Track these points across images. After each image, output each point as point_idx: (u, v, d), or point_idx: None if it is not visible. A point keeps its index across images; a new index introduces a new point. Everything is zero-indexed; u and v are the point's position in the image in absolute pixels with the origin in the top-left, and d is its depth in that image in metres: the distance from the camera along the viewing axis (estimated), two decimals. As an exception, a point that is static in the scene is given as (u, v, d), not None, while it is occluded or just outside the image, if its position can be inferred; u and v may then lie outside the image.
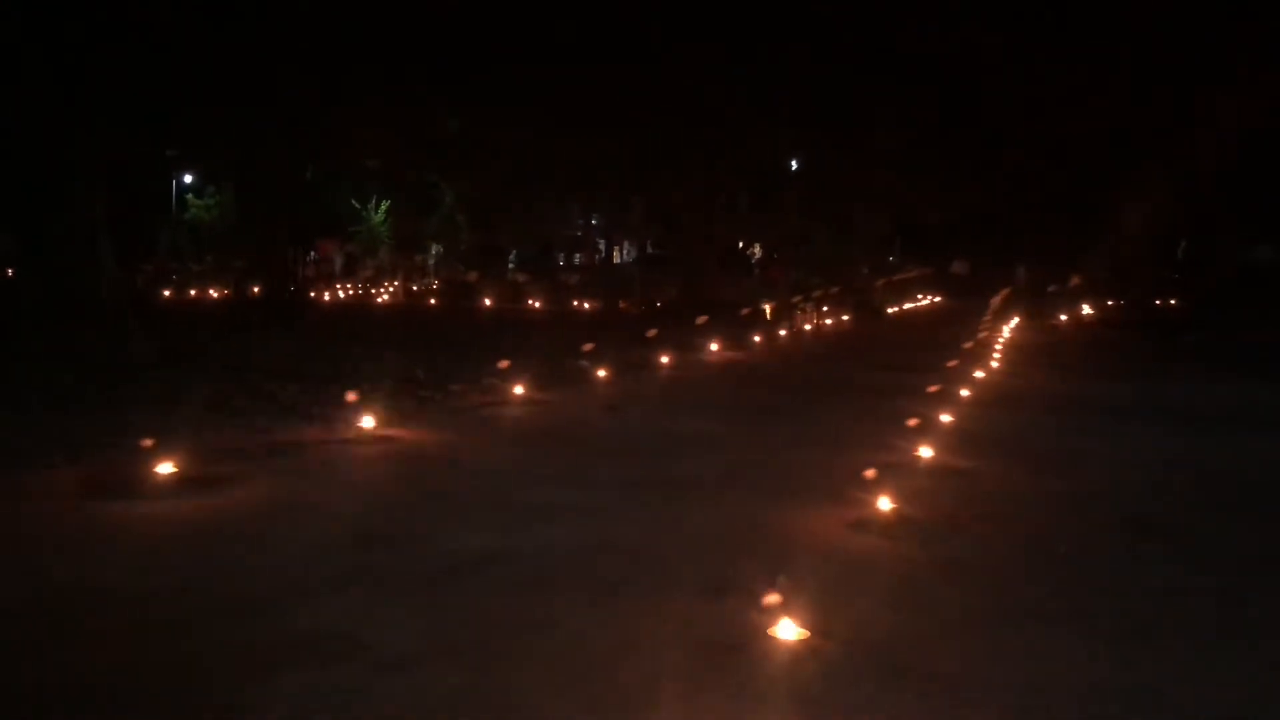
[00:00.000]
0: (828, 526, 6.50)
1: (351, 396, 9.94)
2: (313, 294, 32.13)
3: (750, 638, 4.56)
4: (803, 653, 4.43)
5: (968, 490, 7.58)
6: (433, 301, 32.64)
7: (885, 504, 6.62)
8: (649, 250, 51.10)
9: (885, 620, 4.86)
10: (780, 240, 42.33)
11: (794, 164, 37.61)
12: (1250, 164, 29.61)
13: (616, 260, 53.53)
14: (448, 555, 5.80)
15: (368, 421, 9.36)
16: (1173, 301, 33.52)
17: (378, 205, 46.40)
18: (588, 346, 14.69)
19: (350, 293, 35.70)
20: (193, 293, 31.58)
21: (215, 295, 31.46)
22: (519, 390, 11.83)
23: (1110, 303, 33.52)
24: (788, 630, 4.54)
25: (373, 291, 36.12)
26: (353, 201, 45.44)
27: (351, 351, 15.32)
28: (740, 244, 51.76)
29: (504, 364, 12.60)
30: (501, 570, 5.56)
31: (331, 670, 4.22)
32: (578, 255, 53.67)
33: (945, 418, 10.33)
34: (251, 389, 11.71)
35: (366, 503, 7.20)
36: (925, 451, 8.56)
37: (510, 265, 47.46)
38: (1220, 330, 23.64)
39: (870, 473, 6.91)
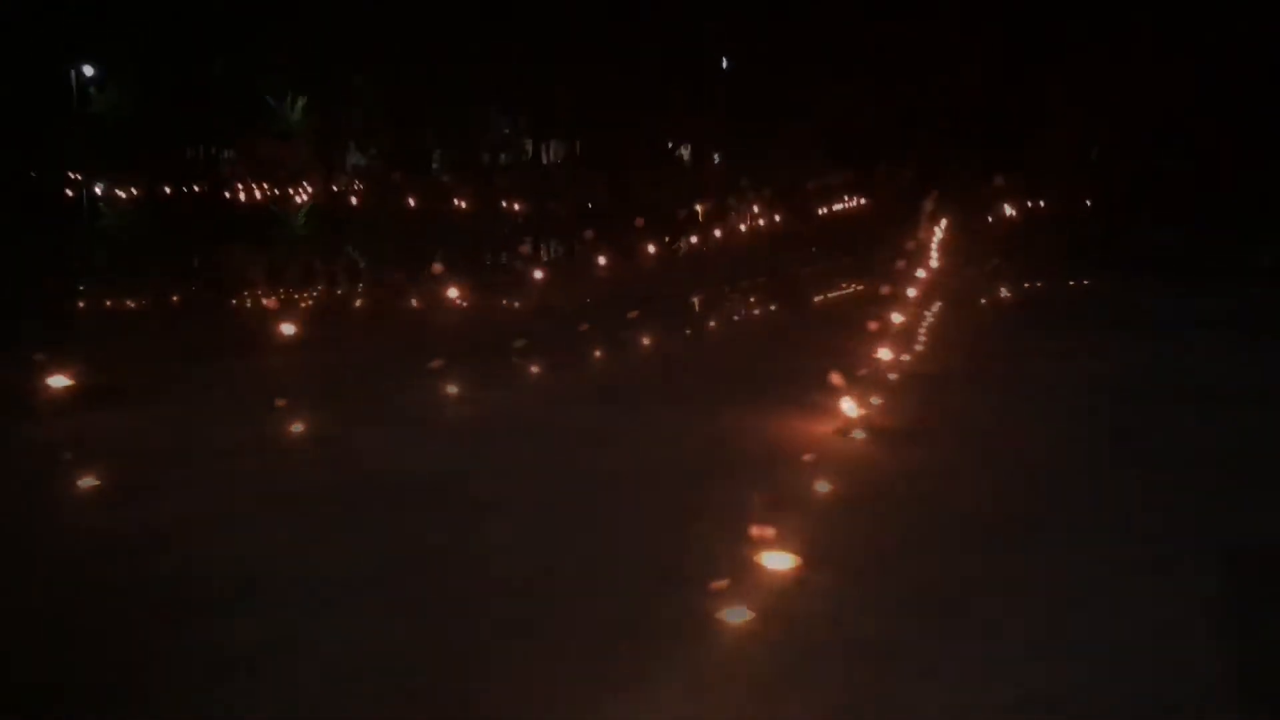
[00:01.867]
0: (795, 431, 6.18)
1: (270, 303, 9.32)
2: (228, 196, 30.72)
3: (722, 567, 4.22)
4: (792, 585, 4.11)
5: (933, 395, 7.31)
6: (354, 202, 31.41)
7: (853, 410, 6.31)
8: (578, 150, 49.89)
9: (879, 542, 4.56)
10: (711, 140, 41.53)
11: (724, 62, 36.75)
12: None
13: (544, 161, 52.17)
14: (403, 474, 5.33)
15: (288, 329, 8.79)
16: (1088, 203, 33.66)
17: (294, 102, 44.34)
18: (522, 248, 14.14)
19: (268, 193, 34.14)
20: (97, 189, 29.93)
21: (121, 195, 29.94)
22: (453, 294, 11.30)
23: (1035, 204, 33.74)
24: (776, 559, 4.21)
25: (291, 193, 34.61)
26: (267, 98, 43.38)
27: (268, 253, 14.49)
28: (670, 145, 50.74)
29: (436, 268, 12.03)
30: (464, 493, 5.09)
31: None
32: (504, 155, 52.17)
33: (897, 317, 10.06)
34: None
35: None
36: (884, 353, 8.28)
37: (434, 166, 45.93)
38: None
39: (837, 378, 6.57)
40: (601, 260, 15.21)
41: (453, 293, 11.41)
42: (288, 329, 8.63)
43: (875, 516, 4.93)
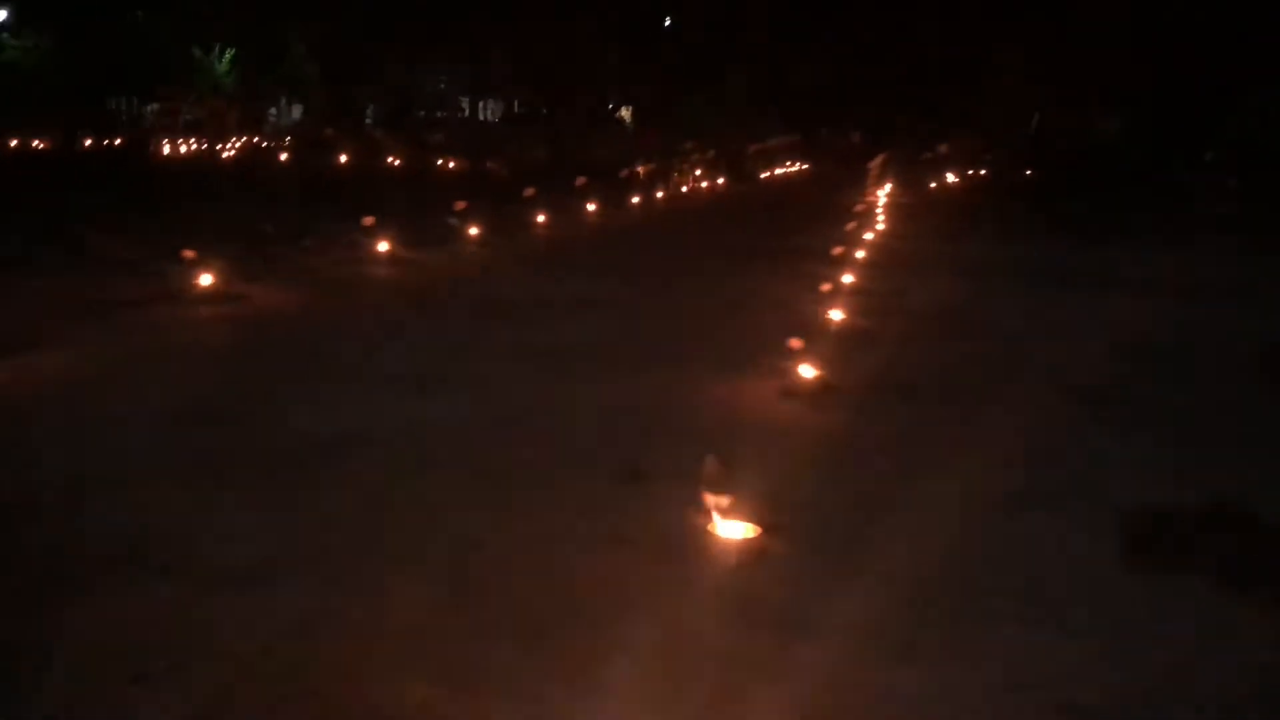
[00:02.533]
0: (749, 397, 5.76)
1: (188, 252, 8.67)
2: (153, 149, 29.60)
3: (677, 533, 3.77)
4: (746, 552, 3.67)
5: (888, 354, 6.93)
6: (284, 158, 30.41)
7: (808, 371, 5.89)
8: (515, 109, 49.04)
9: (838, 507, 4.14)
10: (652, 100, 41.02)
11: (666, 20, 36.20)
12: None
13: (481, 119, 51.18)
14: (299, 437, 4.81)
15: (206, 279, 8.15)
16: (1028, 172, 33.78)
17: (221, 54, 42.89)
18: (459, 205, 13.51)
19: (194, 148, 33.01)
20: (12, 143, 28.63)
21: (39, 145, 28.66)
22: (383, 248, 10.67)
23: (976, 171, 33.83)
24: (727, 527, 3.76)
25: (219, 148, 33.48)
26: (194, 50, 41.88)
27: (192, 206, 13.78)
28: (610, 105, 50.09)
29: (367, 220, 11.39)
30: (366, 455, 4.61)
31: (150, 590, 3.26)
32: (440, 112, 51.00)
33: (847, 278, 9.67)
34: (72, 243, 10.28)
35: (200, 373, 6.10)
36: (835, 314, 7.88)
37: (367, 121, 44.79)
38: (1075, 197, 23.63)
39: (796, 342, 6.15)
40: (540, 219, 14.60)
41: (383, 246, 10.78)
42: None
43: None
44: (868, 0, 32.45)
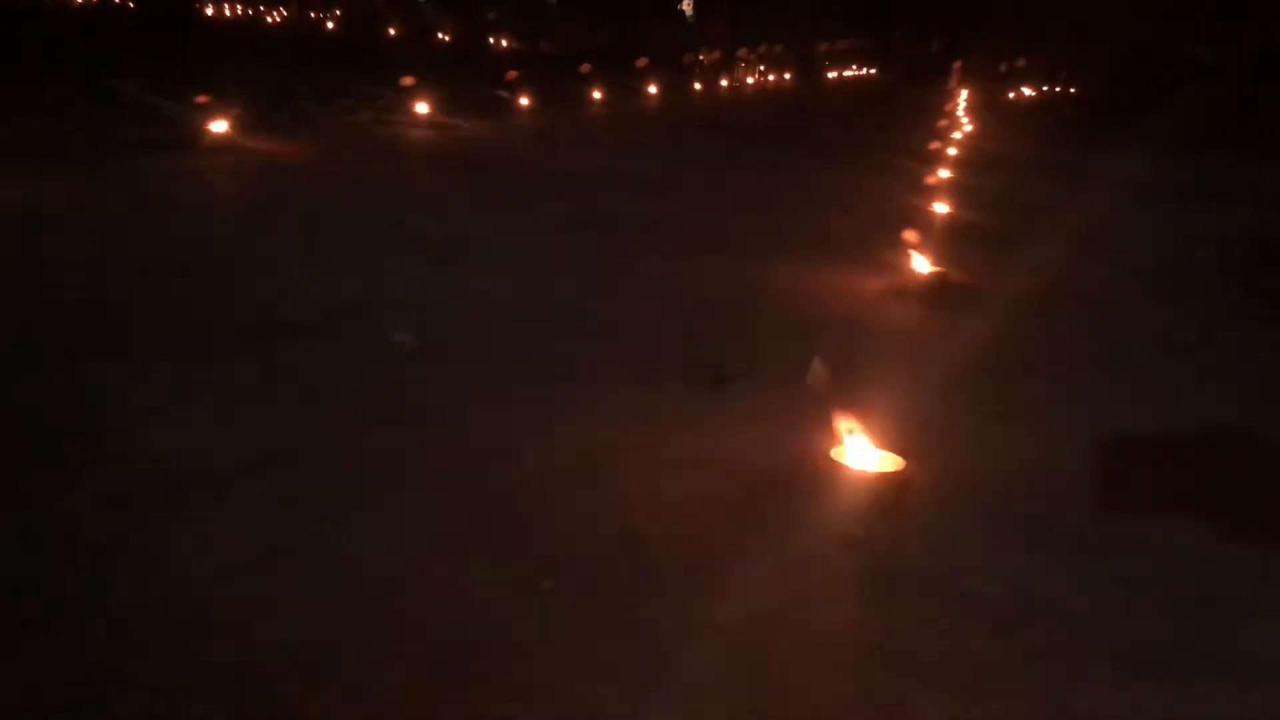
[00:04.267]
0: (854, 294, 4.69)
1: (204, 98, 7.65)
2: (197, 9, 28.36)
3: (780, 459, 2.74)
4: (884, 492, 2.63)
5: (1001, 253, 5.81)
6: (330, 27, 29.08)
7: (924, 265, 4.81)
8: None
9: (984, 435, 3.09)
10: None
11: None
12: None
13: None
14: (298, 304, 3.82)
15: (220, 126, 7.12)
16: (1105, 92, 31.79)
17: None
18: (511, 75, 12.35)
19: (240, 11, 31.70)
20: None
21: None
22: (424, 110, 9.56)
23: (1054, 87, 31.98)
24: (854, 450, 2.71)
25: (264, 10, 32.12)
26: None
27: (230, 66, 12.66)
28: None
29: (408, 81, 10.29)
30: (374, 329, 3.61)
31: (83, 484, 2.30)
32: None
33: (945, 173, 8.48)
34: (90, 86, 9.30)
35: (193, 225, 5.10)
36: (941, 208, 6.75)
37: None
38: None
39: (910, 233, 5.05)
40: (598, 96, 13.42)
41: (423, 109, 9.68)
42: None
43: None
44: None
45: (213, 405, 2.81)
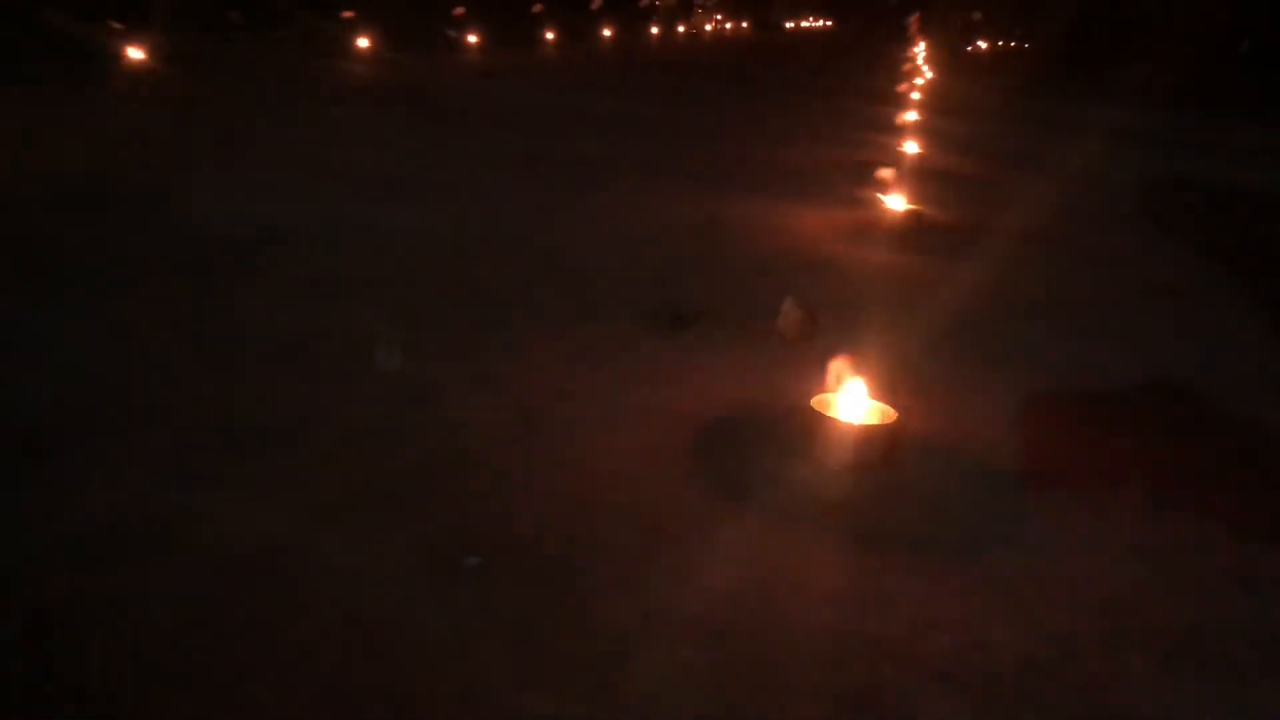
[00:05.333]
0: (825, 232, 4.34)
1: (118, 25, 7.11)
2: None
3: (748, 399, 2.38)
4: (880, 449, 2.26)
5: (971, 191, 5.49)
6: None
7: (897, 204, 4.47)
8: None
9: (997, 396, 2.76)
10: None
11: None
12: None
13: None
14: (214, 235, 3.38)
15: (138, 55, 6.59)
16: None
17: None
18: (458, 11, 11.83)
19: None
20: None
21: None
22: (363, 44, 9.04)
23: (1009, 41, 31.88)
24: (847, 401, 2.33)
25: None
26: None
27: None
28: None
29: (347, 14, 9.76)
30: (293, 259, 3.19)
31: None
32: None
33: (911, 115, 8.16)
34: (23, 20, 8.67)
35: (107, 154, 4.62)
36: (910, 147, 6.41)
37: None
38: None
39: (887, 172, 4.70)
40: (549, 37, 12.92)
41: (364, 43, 9.18)
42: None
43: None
44: None
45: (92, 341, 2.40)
